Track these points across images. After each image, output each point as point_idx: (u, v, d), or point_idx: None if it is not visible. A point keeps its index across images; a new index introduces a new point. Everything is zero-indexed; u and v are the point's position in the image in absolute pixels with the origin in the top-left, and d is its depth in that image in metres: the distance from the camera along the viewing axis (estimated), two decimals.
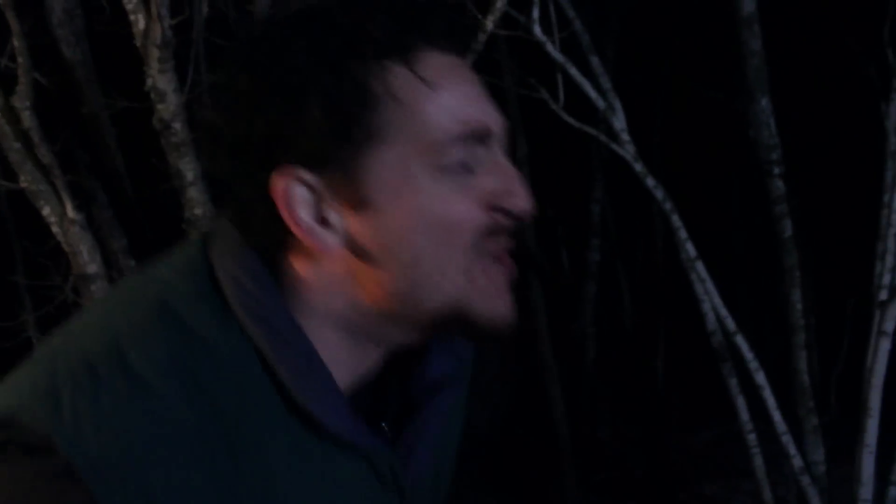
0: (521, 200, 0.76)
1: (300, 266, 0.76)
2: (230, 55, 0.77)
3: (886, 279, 3.50)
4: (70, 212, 2.43)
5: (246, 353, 0.73)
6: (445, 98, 0.74)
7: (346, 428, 0.76)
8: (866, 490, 3.67)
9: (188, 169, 2.08)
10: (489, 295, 0.76)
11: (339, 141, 0.72)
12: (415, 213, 0.72)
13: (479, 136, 0.75)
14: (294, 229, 0.74)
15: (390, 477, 0.80)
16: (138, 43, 2.04)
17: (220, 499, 0.70)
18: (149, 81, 2.09)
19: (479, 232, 0.75)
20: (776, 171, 4.03)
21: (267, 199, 0.74)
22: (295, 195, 0.73)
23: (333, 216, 0.74)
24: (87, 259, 2.44)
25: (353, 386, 0.80)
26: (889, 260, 3.50)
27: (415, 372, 0.84)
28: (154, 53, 2.01)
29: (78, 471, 0.66)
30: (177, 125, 2.04)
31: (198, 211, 2.10)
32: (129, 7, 2.06)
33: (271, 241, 0.76)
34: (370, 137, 0.72)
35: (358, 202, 0.73)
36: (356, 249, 0.74)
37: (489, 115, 0.77)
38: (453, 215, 0.73)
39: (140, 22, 2.01)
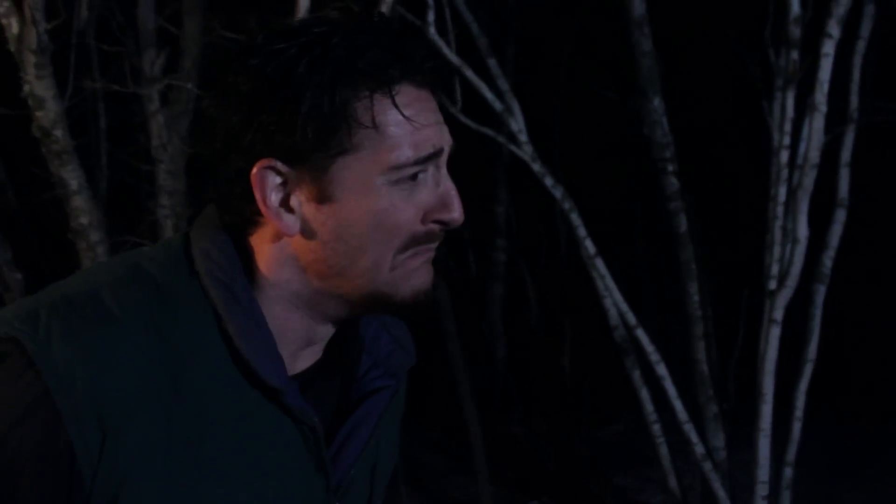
0: (454, 213, 0.92)
1: (262, 245, 0.90)
2: (236, 57, 0.88)
3: (775, 269, 3.64)
4: None
5: (203, 309, 0.87)
6: (411, 128, 0.87)
7: (280, 382, 0.88)
8: (764, 472, 3.81)
9: (72, 177, 2.00)
10: (410, 277, 0.91)
11: (318, 148, 0.85)
12: (366, 214, 0.86)
13: (431, 158, 0.89)
14: (262, 208, 0.87)
15: (314, 447, 0.92)
16: (12, 48, 1.96)
17: (155, 416, 0.83)
18: (26, 88, 2.01)
19: (415, 237, 0.90)
20: (670, 168, 4.15)
21: (245, 181, 0.86)
22: (268, 181, 0.86)
23: (296, 203, 0.87)
24: None
25: (299, 358, 0.94)
26: (777, 251, 3.63)
27: (353, 383, 0.98)
28: (30, 59, 1.93)
29: (41, 370, 0.80)
30: (58, 132, 1.96)
31: (84, 220, 2.02)
32: (0, 11, 1.97)
33: (242, 218, 0.89)
34: (344, 150, 0.85)
35: (321, 196, 0.86)
36: (310, 233, 0.87)
37: (443, 140, 0.91)
38: (397, 221, 0.88)
39: (13, 26, 1.92)
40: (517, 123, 3.76)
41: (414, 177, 0.88)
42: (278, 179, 0.86)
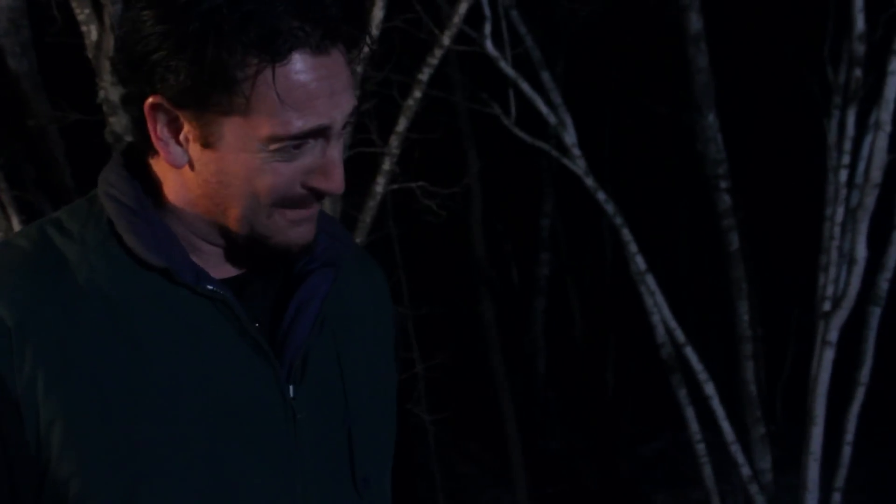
0: (332, 184, 0.92)
1: (161, 170, 0.94)
2: None
3: (830, 290, 3.58)
4: (16, 227, 2.36)
5: (99, 223, 0.93)
6: (297, 102, 0.87)
7: (167, 262, 0.91)
8: (812, 497, 3.74)
9: None
10: (287, 229, 0.93)
11: (199, 101, 0.87)
12: (242, 169, 0.89)
13: (316, 133, 0.89)
14: (153, 139, 0.90)
15: (236, 321, 0.93)
16: (90, 54, 2.00)
17: (55, 312, 0.89)
18: (101, 94, 2.05)
19: (291, 198, 0.91)
20: (723, 185, 4.11)
21: (142, 110, 0.90)
22: (158, 115, 0.89)
23: (184, 140, 0.90)
24: None
25: (225, 265, 0.97)
26: (832, 272, 3.58)
27: (292, 280, 1.00)
28: (107, 65, 1.96)
29: None
30: (130, 138, 1.98)
31: None
32: (80, 18, 2.01)
33: (144, 138, 0.92)
34: (223, 111, 0.87)
35: (204, 142, 0.89)
36: (195, 169, 0.91)
37: (332, 114, 0.89)
38: (272, 183, 0.89)
39: (92, 33, 1.97)
40: (570, 137, 3.75)
41: (298, 146, 0.88)
42: (166, 116, 0.89)
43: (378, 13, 2.19)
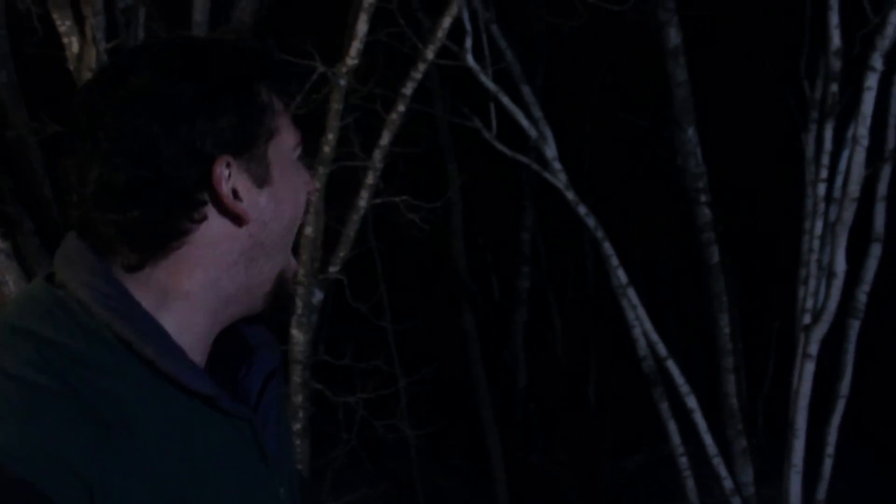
0: (310, 183, 1.05)
1: (189, 254, 0.94)
2: (168, 69, 0.93)
3: (809, 303, 3.60)
4: None
5: (107, 344, 0.88)
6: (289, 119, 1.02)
7: (212, 390, 0.92)
8: None
9: None
10: (290, 265, 1.01)
11: (254, 135, 0.96)
12: (293, 191, 0.99)
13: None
14: (226, 203, 0.94)
15: (253, 440, 0.97)
16: (71, 66, 1.98)
17: (89, 455, 0.83)
18: None
19: (306, 206, 1.03)
20: (703, 198, 4.13)
21: (200, 187, 0.92)
22: (223, 177, 0.94)
23: (244, 192, 0.95)
24: (14, 289, 2.34)
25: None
26: (811, 285, 3.60)
27: (247, 369, 1.04)
28: (88, 77, 1.94)
29: None
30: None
31: None
32: (62, 29, 1.99)
33: (170, 233, 0.92)
34: (270, 135, 0.97)
35: (260, 181, 0.96)
36: (252, 218, 0.96)
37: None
38: (306, 191, 1.03)
39: (74, 45, 1.94)
40: (551, 151, 3.76)
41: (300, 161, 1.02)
42: (227, 172, 0.94)
43: (362, 27, 2.19)
